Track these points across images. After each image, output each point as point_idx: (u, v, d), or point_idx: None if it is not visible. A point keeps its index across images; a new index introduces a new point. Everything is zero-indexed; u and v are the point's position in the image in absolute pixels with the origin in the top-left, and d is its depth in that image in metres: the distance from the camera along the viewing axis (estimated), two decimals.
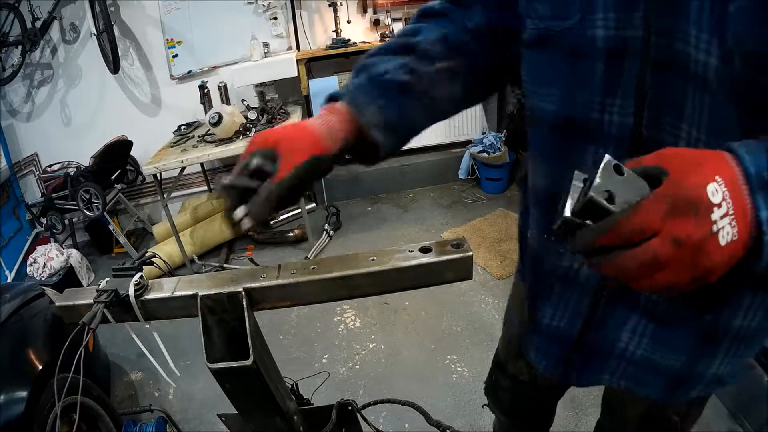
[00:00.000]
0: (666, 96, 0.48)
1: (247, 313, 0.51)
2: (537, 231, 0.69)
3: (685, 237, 0.35)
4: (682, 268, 0.36)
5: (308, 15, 3.25)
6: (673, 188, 0.36)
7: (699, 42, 0.43)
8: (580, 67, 0.52)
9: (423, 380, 1.86)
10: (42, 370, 1.34)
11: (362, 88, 0.59)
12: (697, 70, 0.44)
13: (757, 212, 0.36)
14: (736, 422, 1.49)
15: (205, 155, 2.50)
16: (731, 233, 0.36)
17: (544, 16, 0.53)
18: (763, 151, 0.38)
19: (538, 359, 0.77)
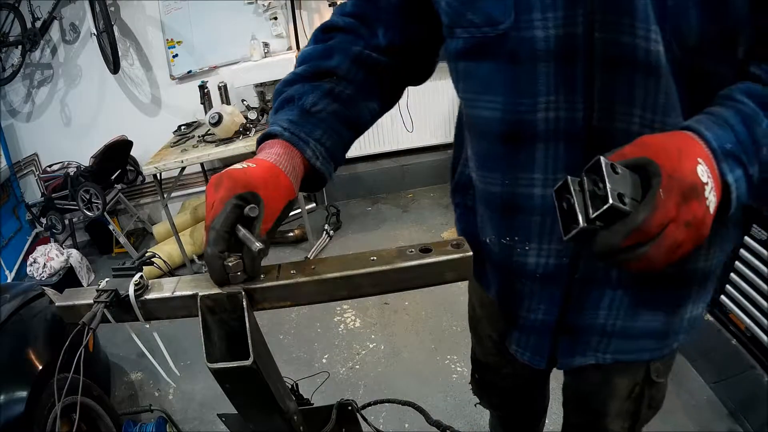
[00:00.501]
0: (615, 87, 0.50)
1: (247, 313, 0.51)
2: (495, 236, 0.69)
3: (692, 218, 0.42)
4: (692, 242, 0.43)
5: (308, 15, 3.25)
6: (677, 181, 0.41)
7: (648, 33, 0.47)
8: (521, 70, 0.52)
9: (423, 380, 1.86)
10: (42, 370, 1.35)
11: (298, 123, 0.59)
12: (649, 59, 0.48)
13: (724, 177, 0.44)
14: (736, 422, 1.49)
15: (205, 155, 2.50)
16: (714, 201, 0.43)
17: (477, 24, 0.53)
18: (717, 127, 0.46)
19: (521, 352, 0.78)
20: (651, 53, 0.47)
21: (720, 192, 0.44)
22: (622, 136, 0.51)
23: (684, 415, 1.53)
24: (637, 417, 0.80)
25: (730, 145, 0.45)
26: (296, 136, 0.58)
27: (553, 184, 0.56)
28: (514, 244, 0.67)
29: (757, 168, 0.46)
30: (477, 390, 1.09)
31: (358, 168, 3.55)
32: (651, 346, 0.68)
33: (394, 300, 2.33)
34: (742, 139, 0.45)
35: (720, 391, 1.57)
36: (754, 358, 1.44)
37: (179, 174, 2.69)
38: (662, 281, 0.62)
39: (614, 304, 0.64)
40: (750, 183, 0.46)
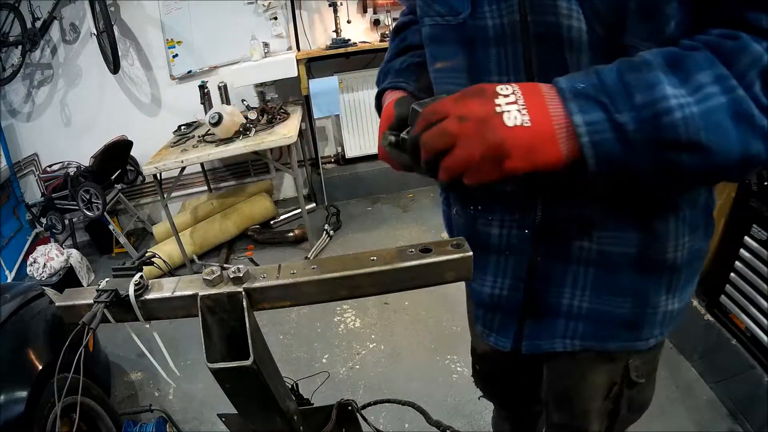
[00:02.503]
0: (549, 64, 0.54)
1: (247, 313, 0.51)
2: (460, 207, 0.74)
3: (467, 112, 0.45)
4: (471, 141, 0.45)
5: (308, 15, 3.25)
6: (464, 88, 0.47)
7: (571, 12, 0.50)
8: (477, 53, 0.59)
9: (423, 380, 1.86)
10: (42, 370, 1.34)
11: (396, 77, 0.76)
12: (572, 35, 0.51)
13: (571, 116, 0.44)
14: (736, 422, 1.49)
15: (205, 155, 2.50)
16: (520, 118, 0.44)
17: (442, 13, 0.62)
18: (577, 75, 0.47)
19: (485, 332, 0.78)
20: (573, 29, 0.50)
21: (548, 121, 0.44)
22: None
23: (684, 415, 1.53)
24: (614, 418, 0.78)
25: (583, 85, 0.44)
26: (397, 83, 0.74)
27: None
28: (477, 215, 0.70)
29: (631, 115, 0.43)
30: (478, 381, 1.09)
31: (358, 168, 3.55)
32: (622, 336, 0.67)
33: (394, 300, 2.33)
34: (607, 83, 0.44)
35: (720, 391, 1.57)
36: (754, 358, 1.44)
37: (179, 174, 2.69)
38: (623, 263, 0.62)
39: (578, 282, 0.65)
40: (621, 132, 0.43)
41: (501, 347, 0.76)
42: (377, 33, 3.31)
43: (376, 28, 3.31)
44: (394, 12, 3.30)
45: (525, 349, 0.73)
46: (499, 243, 0.68)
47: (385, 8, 3.29)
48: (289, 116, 2.87)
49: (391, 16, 3.30)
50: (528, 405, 1.11)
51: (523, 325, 0.72)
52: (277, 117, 2.80)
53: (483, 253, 0.71)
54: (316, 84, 3.10)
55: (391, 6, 3.28)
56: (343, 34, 3.16)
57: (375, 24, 3.29)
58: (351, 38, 3.13)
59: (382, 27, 3.30)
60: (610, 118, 0.43)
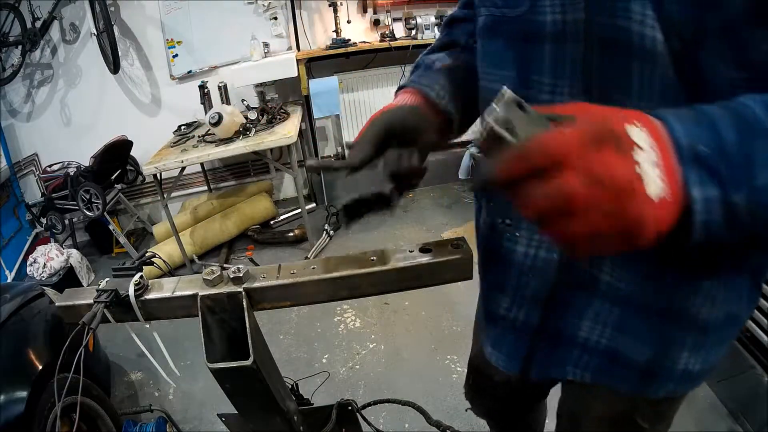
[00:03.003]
0: (612, 74, 0.49)
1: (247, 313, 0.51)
2: (490, 216, 0.68)
3: (605, 172, 0.32)
4: (602, 216, 0.32)
5: (308, 15, 3.25)
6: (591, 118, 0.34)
7: (645, 18, 0.44)
8: (531, 50, 0.54)
9: (423, 380, 1.86)
10: (42, 370, 1.34)
11: (423, 76, 0.69)
12: (644, 44, 0.45)
13: (689, 188, 0.34)
14: (736, 422, 1.49)
15: (205, 155, 2.50)
16: (661, 188, 0.33)
17: (499, 4, 0.57)
18: (694, 123, 0.36)
19: (494, 354, 0.74)
20: (646, 38, 0.45)
21: (678, 196, 0.34)
22: None
23: (684, 415, 1.53)
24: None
25: (707, 149, 0.34)
26: (419, 83, 0.67)
27: None
28: (505, 228, 0.65)
29: (747, 197, 0.34)
30: (469, 394, 1.06)
31: None
32: (633, 381, 0.63)
33: (394, 300, 2.33)
34: (727, 150, 0.34)
35: (720, 391, 1.57)
36: (754, 358, 1.44)
37: (179, 174, 2.69)
38: (650, 311, 0.58)
39: (600, 318, 0.61)
40: (730, 212, 0.35)
41: (509, 371, 0.72)
42: (377, 33, 3.31)
43: (376, 28, 3.31)
44: (394, 12, 3.30)
45: (534, 375, 0.70)
46: (522, 262, 0.64)
47: (385, 8, 3.29)
48: (289, 116, 2.87)
49: (391, 17, 3.30)
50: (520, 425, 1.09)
51: (535, 350, 0.68)
52: (277, 117, 2.80)
53: (503, 271, 0.67)
54: (316, 84, 3.10)
55: (391, 6, 3.28)
56: (343, 34, 3.16)
57: (375, 24, 3.29)
58: (351, 38, 3.13)
59: (382, 27, 3.30)
60: (724, 197, 0.34)
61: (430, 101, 0.65)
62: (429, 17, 3.14)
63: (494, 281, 0.71)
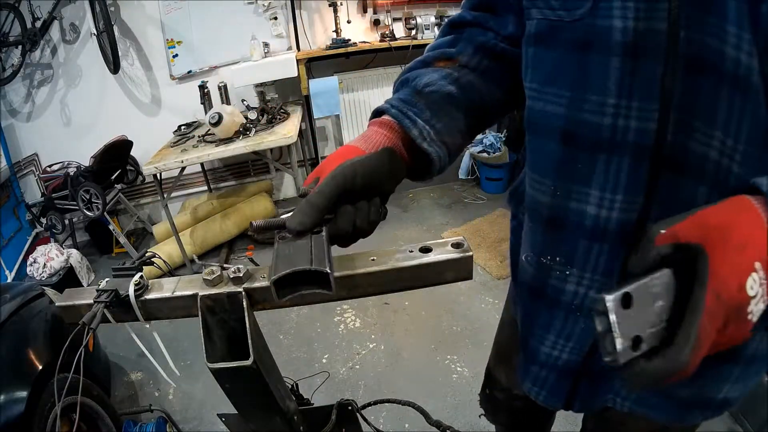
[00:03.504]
0: (696, 98, 0.42)
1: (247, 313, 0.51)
2: (534, 254, 0.62)
3: (727, 341, 0.35)
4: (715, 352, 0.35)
5: (308, 15, 3.25)
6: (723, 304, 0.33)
7: (741, 42, 0.38)
8: (591, 62, 0.46)
9: (423, 380, 1.86)
10: (42, 370, 1.34)
11: (407, 101, 0.57)
12: (738, 71, 0.39)
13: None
14: (736, 422, 1.49)
15: (205, 155, 2.50)
16: (762, 309, 0.34)
17: (554, 6, 0.48)
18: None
19: (536, 391, 0.71)
20: (741, 65, 0.39)
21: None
22: (698, 160, 0.44)
23: None
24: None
25: None
26: (402, 113, 0.56)
27: (610, 206, 0.50)
28: (553, 266, 0.59)
29: None
30: (485, 404, 1.05)
31: None
32: (672, 411, 0.61)
33: (394, 300, 2.33)
34: None
35: None
36: None
37: (179, 174, 2.69)
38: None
39: None
40: None
41: (551, 407, 0.70)
42: (377, 33, 3.31)
43: (376, 28, 3.31)
44: (394, 12, 3.30)
45: (576, 409, 0.68)
46: (571, 301, 0.59)
47: (385, 8, 3.29)
48: (289, 116, 2.87)
49: (391, 17, 3.30)
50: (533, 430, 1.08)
51: (578, 386, 0.65)
52: (277, 117, 2.80)
53: (549, 309, 0.62)
54: (316, 84, 3.10)
55: (391, 6, 3.29)
56: (343, 34, 3.16)
57: (375, 24, 3.30)
58: (351, 38, 3.13)
59: (382, 27, 3.30)
60: None
61: (409, 138, 0.56)
62: (429, 17, 3.15)
63: (535, 319, 0.66)
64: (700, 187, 0.45)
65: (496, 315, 2.15)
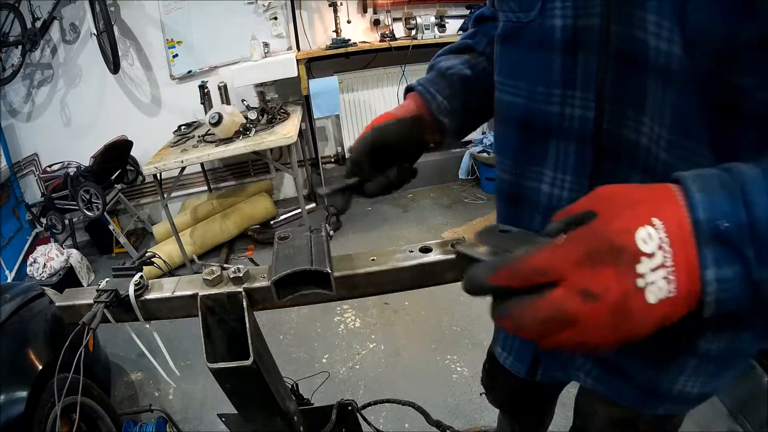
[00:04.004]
0: (627, 88, 0.45)
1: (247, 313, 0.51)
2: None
3: (601, 290, 0.30)
4: (597, 329, 0.31)
5: (308, 15, 3.25)
6: (591, 233, 0.32)
7: (661, 30, 0.40)
8: (542, 58, 0.51)
9: (423, 380, 1.86)
10: (42, 370, 1.34)
11: (432, 81, 0.69)
12: (659, 60, 0.41)
13: (702, 270, 0.31)
14: (736, 422, 1.49)
15: (205, 155, 2.50)
16: (666, 289, 0.30)
17: (515, 9, 0.53)
18: (721, 191, 0.31)
19: (503, 355, 0.77)
20: (661, 54, 0.40)
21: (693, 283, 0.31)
22: (631, 147, 0.47)
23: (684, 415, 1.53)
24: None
25: (729, 224, 0.31)
26: (426, 89, 0.68)
27: (561, 185, 0.55)
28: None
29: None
30: (485, 380, 1.08)
31: None
32: (631, 394, 0.63)
33: (394, 300, 2.33)
34: (759, 225, 0.30)
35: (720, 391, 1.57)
36: (754, 358, 1.44)
37: (179, 174, 2.69)
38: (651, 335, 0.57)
39: None
40: (753, 288, 0.31)
41: (515, 372, 0.75)
42: (377, 33, 3.31)
43: (376, 28, 3.31)
44: (394, 12, 3.30)
45: (539, 377, 0.72)
46: None
47: (385, 8, 3.29)
48: (289, 116, 2.87)
49: (391, 17, 3.30)
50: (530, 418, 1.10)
51: (541, 354, 0.70)
52: (277, 117, 2.80)
53: None
54: (316, 84, 3.10)
55: (391, 6, 3.29)
56: (343, 34, 3.16)
57: (375, 24, 3.30)
58: (351, 38, 3.13)
59: (382, 27, 3.30)
60: (746, 274, 0.31)
61: (429, 110, 0.67)
62: (429, 17, 3.15)
63: None
64: (633, 173, 0.48)
65: None
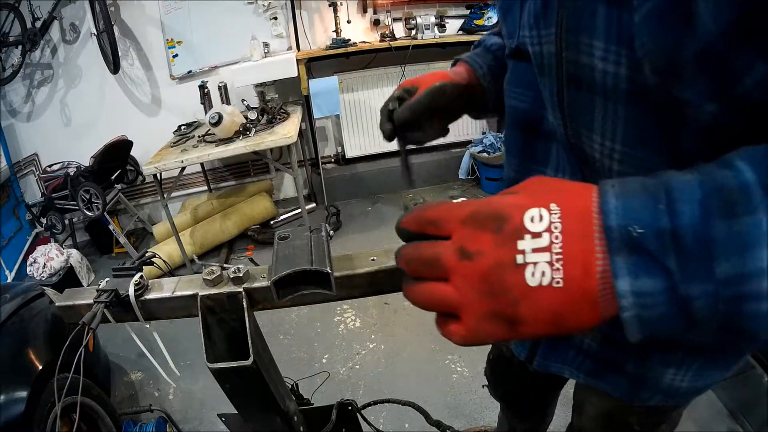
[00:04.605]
0: (578, 109, 0.48)
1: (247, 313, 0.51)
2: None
3: (474, 248, 0.32)
4: (469, 289, 0.32)
5: (308, 15, 3.25)
6: (488, 199, 0.33)
7: (608, 54, 0.42)
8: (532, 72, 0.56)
9: (423, 380, 1.86)
10: (42, 370, 1.34)
11: (478, 54, 0.78)
12: (606, 82, 0.43)
13: (614, 280, 0.29)
14: (736, 422, 1.49)
15: (205, 155, 2.50)
16: (549, 276, 0.30)
17: (505, 35, 0.61)
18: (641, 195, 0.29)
19: None
20: (608, 75, 0.43)
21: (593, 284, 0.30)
22: (591, 161, 0.50)
23: (684, 415, 1.52)
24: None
25: (644, 230, 0.28)
26: (474, 60, 0.77)
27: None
28: None
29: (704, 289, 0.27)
30: (488, 372, 1.09)
31: (358, 168, 3.55)
32: (622, 386, 0.65)
33: (394, 300, 2.33)
34: (682, 232, 0.27)
35: (720, 391, 1.57)
36: (754, 358, 1.44)
37: (179, 174, 2.69)
38: None
39: None
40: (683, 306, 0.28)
41: (517, 354, 0.77)
42: (377, 33, 3.31)
43: (376, 28, 3.31)
44: (395, 12, 3.30)
45: (535, 364, 0.74)
46: None
47: (385, 8, 3.29)
48: (289, 116, 2.87)
49: (391, 17, 3.30)
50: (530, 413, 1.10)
51: (540, 341, 0.72)
52: (277, 117, 2.80)
53: None
54: (316, 84, 3.10)
55: (391, 6, 3.29)
56: (343, 34, 3.16)
57: (375, 24, 3.30)
58: (351, 38, 3.13)
59: (382, 27, 3.30)
60: (671, 288, 0.28)
61: (476, 76, 0.75)
62: (429, 17, 3.15)
63: None
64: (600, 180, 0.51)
65: None
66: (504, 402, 1.15)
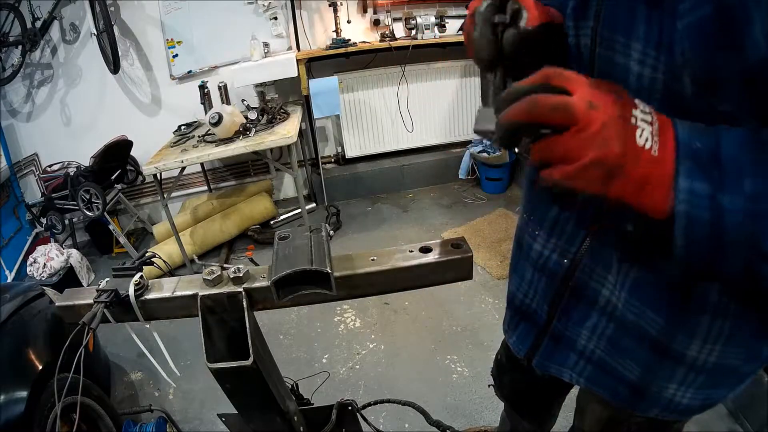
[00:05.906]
0: None
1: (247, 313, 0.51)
2: (523, 209, 0.75)
3: (600, 102, 0.35)
4: (591, 135, 0.35)
5: (308, 15, 3.25)
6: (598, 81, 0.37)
7: (646, 57, 0.42)
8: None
9: (423, 380, 1.86)
10: (42, 370, 1.34)
11: None
12: (642, 85, 0.44)
13: (677, 178, 0.36)
14: (736, 422, 1.49)
15: (205, 155, 2.50)
16: (651, 141, 0.36)
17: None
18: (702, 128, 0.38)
19: (508, 333, 0.81)
20: (644, 79, 0.43)
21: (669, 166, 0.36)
22: None
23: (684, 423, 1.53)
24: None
25: (699, 145, 0.36)
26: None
27: None
28: (529, 223, 0.69)
29: (734, 201, 0.35)
30: (494, 371, 1.10)
31: (358, 168, 3.55)
32: (623, 395, 0.65)
33: (394, 300, 2.33)
34: (723, 153, 0.36)
35: None
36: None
37: (179, 174, 2.69)
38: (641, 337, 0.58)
39: (597, 329, 0.64)
40: (717, 215, 0.35)
41: (515, 351, 0.79)
42: (377, 33, 3.31)
43: (376, 28, 3.31)
44: (395, 12, 3.30)
45: (535, 364, 0.74)
46: (537, 259, 0.69)
47: (385, 8, 3.29)
48: (289, 116, 2.87)
49: (391, 17, 3.29)
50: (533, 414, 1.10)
51: (540, 342, 0.73)
52: (277, 117, 2.80)
53: (524, 259, 0.73)
54: (316, 84, 3.10)
55: (391, 6, 3.28)
56: (343, 34, 3.16)
57: (375, 24, 3.29)
58: (351, 38, 3.13)
59: (382, 27, 3.30)
60: (712, 195, 0.35)
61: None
62: (429, 17, 3.14)
63: (518, 268, 0.77)
64: None
65: (496, 315, 2.15)
66: (509, 402, 1.15)
